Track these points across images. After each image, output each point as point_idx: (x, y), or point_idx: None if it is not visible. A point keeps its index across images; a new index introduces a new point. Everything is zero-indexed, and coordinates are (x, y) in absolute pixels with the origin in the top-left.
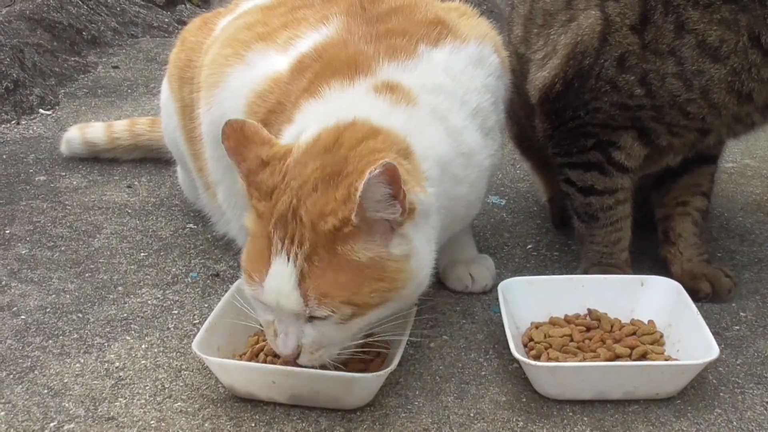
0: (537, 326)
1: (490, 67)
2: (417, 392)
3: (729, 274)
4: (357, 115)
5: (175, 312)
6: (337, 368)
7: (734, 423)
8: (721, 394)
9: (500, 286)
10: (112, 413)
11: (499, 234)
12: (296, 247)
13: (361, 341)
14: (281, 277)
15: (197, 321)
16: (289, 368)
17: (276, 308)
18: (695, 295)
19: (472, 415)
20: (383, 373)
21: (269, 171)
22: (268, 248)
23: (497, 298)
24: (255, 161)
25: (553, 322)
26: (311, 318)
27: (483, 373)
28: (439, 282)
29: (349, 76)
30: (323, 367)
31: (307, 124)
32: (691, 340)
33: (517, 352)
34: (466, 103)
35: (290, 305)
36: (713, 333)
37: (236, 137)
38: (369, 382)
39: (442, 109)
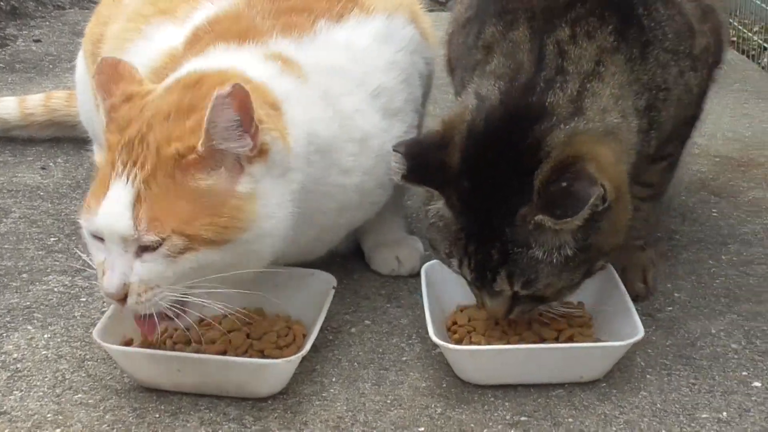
0: (462, 309)
1: (400, 42)
2: (333, 379)
3: (648, 281)
4: (233, 65)
5: (83, 300)
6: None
7: (659, 405)
8: (648, 376)
9: (424, 268)
10: (4, 407)
11: None
12: (137, 169)
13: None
14: (116, 199)
15: (105, 309)
16: (195, 355)
17: (107, 235)
18: None
19: (389, 401)
20: (294, 359)
21: (129, 105)
22: (110, 174)
23: None
24: (120, 97)
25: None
26: (141, 251)
27: (404, 358)
28: (365, 265)
29: (239, 42)
30: (233, 354)
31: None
32: (618, 322)
33: (436, 337)
34: (364, 84)
35: (120, 227)
36: (646, 315)
37: (109, 73)
38: (279, 368)
39: (333, 92)
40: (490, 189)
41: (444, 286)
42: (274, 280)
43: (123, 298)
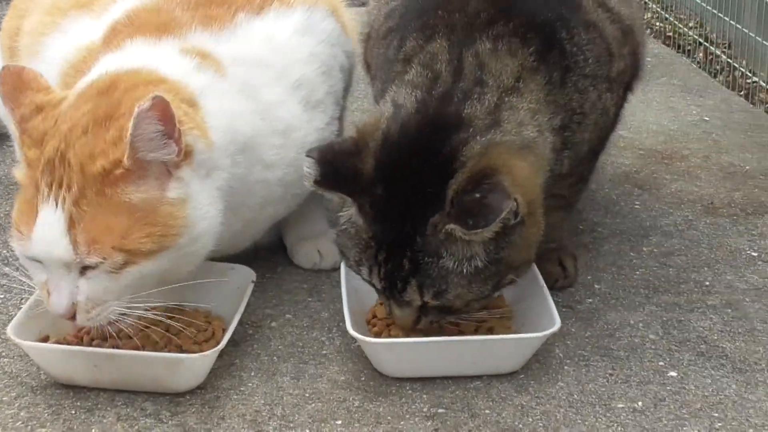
0: (382, 302)
1: (321, 34)
2: (252, 373)
3: (568, 267)
4: (146, 64)
5: (1, 297)
6: (164, 347)
7: (575, 396)
8: (566, 367)
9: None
10: None
11: None
12: (64, 191)
13: (159, 304)
14: (49, 224)
15: (21, 305)
16: (110, 350)
17: (46, 261)
18: None
19: (307, 395)
20: (210, 353)
21: (42, 117)
22: (35, 197)
23: None
24: (29, 107)
25: None
26: (84, 270)
27: (324, 352)
28: (290, 259)
29: (156, 36)
30: (149, 348)
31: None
32: (536, 313)
33: (353, 330)
34: (286, 76)
35: (59, 253)
36: (566, 307)
37: (13, 82)
38: (196, 362)
39: (254, 84)
40: (403, 197)
41: None
42: (194, 275)
43: (72, 316)
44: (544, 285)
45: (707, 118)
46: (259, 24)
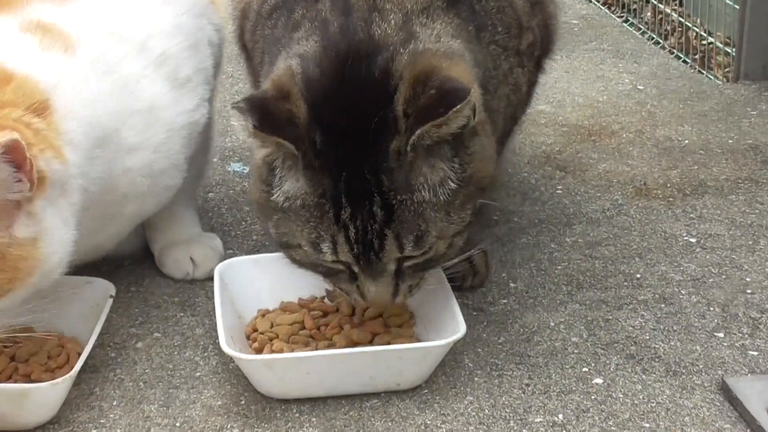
0: (264, 314)
1: (184, 3)
2: (114, 402)
3: (476, 263)
4: None
5: None
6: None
7: (486, 411)
8: (476, 378)
9: (218, 268)
10: None
11: (237, 208)
12: None
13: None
14: None
15: None
16: None
17: None
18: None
19: (178, 425)
20: (61, 381)
21: None
22: None
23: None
24: None
25: (285, 308)
26: None
27: (197, 374)
28: (157, 269)
29: None
30: None
31: None
32: (441, 318)
33: (228, 347)
34: (148, 49)
35: None
36: (477, 309)
37: None
38: (45, 393)
39: (111, 57)
40: (350, 136)
41: (243, 288)
42: (43, 291)
43: None
44: (449, 285)
45: (641, 87)
46: None
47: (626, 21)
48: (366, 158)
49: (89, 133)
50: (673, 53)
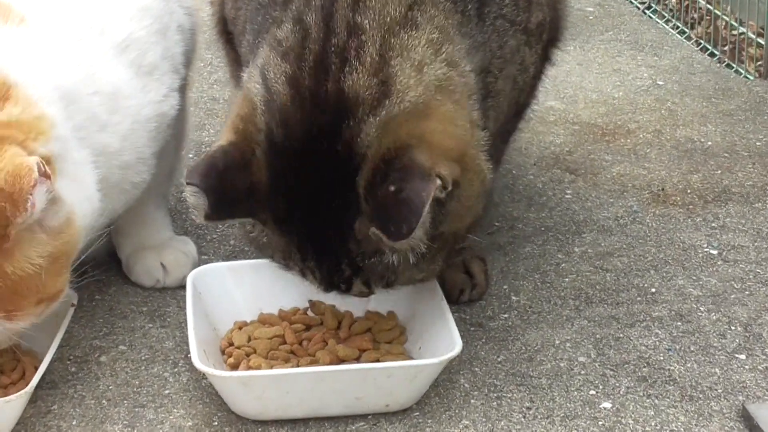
0: (240, 327)
1: None
2: (74, 422)
3: (475, 273)
4: None
5: None
6: None
7: None
8: (473, 401)
9: (191, 276)
10: None
11: None
12: None
13: None
14: None
15: None
16: None
17: None
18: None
19: None
20: (15, 398)
21: None
22: None
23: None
24: None
25: (263, 321)
26: None
27: (166, 391)
28: (125, 276)
29: None
30: None
31: None
32: (435, 334)
33: (200, 362)
34: (108, 33)
35: None
36: (475, 324)
37: None
38: None
39: (68, 40)
40: (315, 207)
41: (219, 298)
42: None
43: None
44: (443, 298)
45: (661, 82)
46: None
47: (649, 8)
48: (332, 228)
49: (61, 102)
50: (699, 44)
